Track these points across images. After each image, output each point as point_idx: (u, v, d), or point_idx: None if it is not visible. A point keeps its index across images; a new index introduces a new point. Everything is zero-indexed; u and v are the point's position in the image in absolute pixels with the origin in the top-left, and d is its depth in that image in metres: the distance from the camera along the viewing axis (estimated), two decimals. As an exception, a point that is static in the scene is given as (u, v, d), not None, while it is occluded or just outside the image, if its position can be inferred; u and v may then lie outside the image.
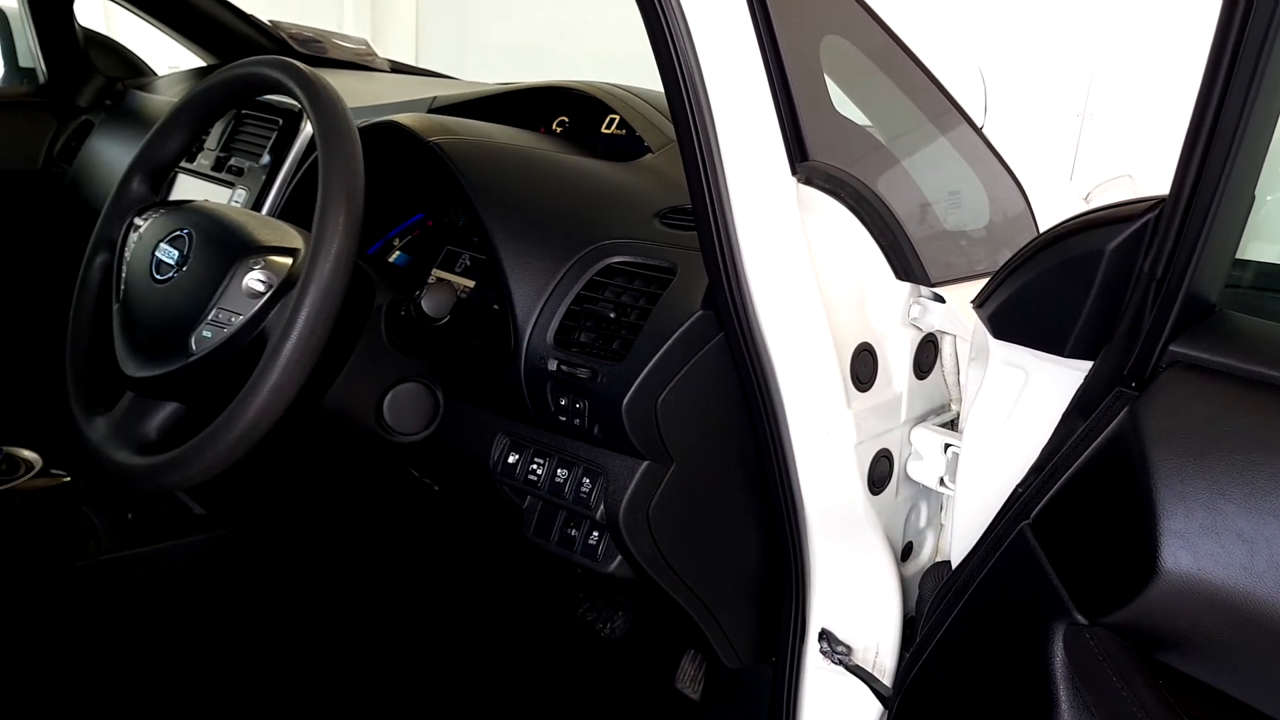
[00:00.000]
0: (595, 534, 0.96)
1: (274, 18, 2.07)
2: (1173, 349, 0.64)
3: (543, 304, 0.93)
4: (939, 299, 0.96)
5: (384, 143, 1.10)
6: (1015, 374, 0.84)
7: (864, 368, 0.94)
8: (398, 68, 2.15)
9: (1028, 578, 0.72)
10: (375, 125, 1.11)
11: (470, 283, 1.13)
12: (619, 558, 0.95)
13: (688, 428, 0.90)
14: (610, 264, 0.94)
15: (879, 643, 1.04)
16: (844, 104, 0.90)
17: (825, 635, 1.02)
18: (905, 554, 1.09)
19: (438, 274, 1.16)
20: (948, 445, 0.99)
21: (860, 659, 1.03)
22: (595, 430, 0.90)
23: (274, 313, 0.87)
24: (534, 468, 0.96)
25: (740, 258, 0.82)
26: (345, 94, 1.46)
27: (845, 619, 1.02)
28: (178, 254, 0.94)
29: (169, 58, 2.18)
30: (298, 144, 1.36)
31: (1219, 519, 0.57)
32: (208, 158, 1.47)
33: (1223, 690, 0.62)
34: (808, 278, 0.86)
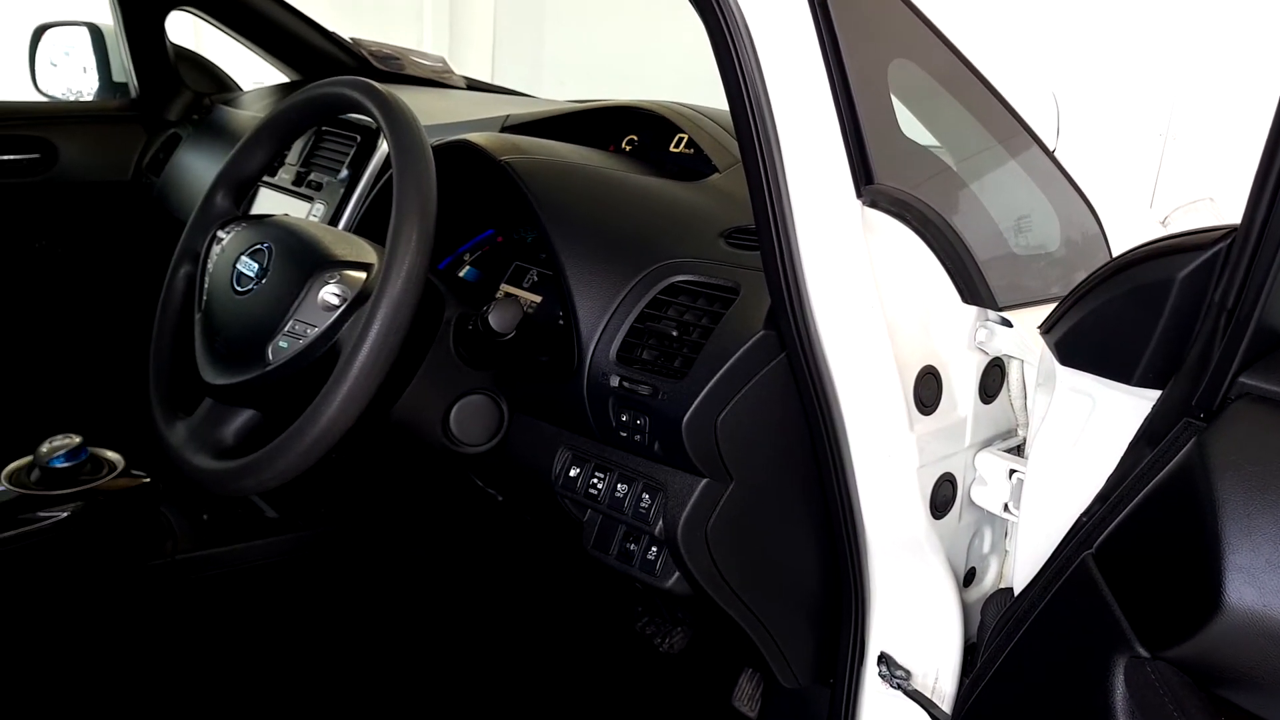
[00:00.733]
0: (654, 549, 0.97)
1: (356, 35, 2.13)
2: (1242, 380, 0.63)
3: (607, 321, 0.95)
4: (1006, 323, 0.95)
5: (457, 161, 1.13)
6: (1082, 401, 0.83)
7: (927, 391, 0.93)
8: (473, 85, 2.19)
9: (1090, 608, 0.70)
10: (448, 144, 1.14)
11: (537, 298, 1.15)
12: (677, 573, 0.95)
13: (747, 447, 0.90)
14: (674, 282, 0.95)
15: (939, 668, 1.03)
16: (913, 128, 0.90)
17: (884, 659, 1.02)
18: (968, 580, 1.07)
19: (506, 289, 1.19)
20: (1013, 471, 0.97)
21: (920, 684, 1.02)
22: (655, 447, 0.91)
23: (347, 325, 0.90)
24: (595, 482, 0.98)
25: (803, 279, 0.83)
26: (420, 111, 1.50)
27: (905, 643, 1.01)
28: (258, 267, 0.97)
29: (255, 74, 2.26)
30: (375, 160, 1.40)
31: (1288, 555, 0.56)
32: (288, 172, 1.52)
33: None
34: (871, 300, 0.86)
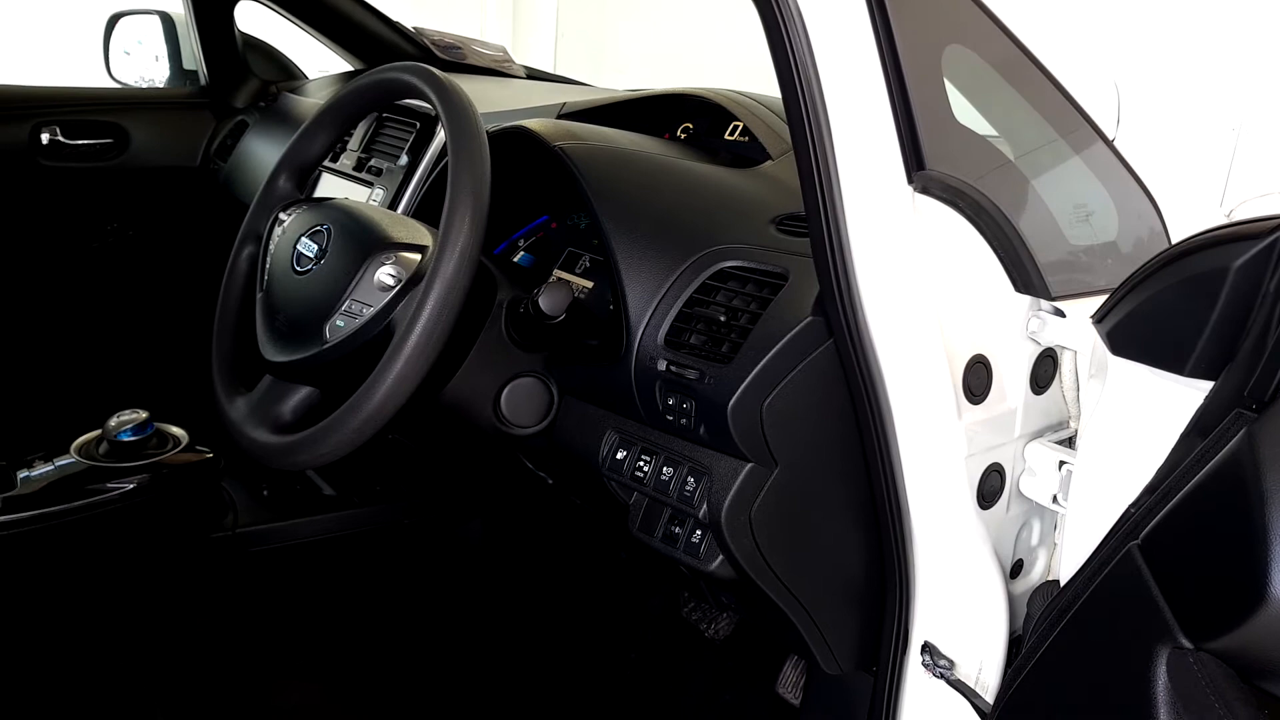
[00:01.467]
0: (698, 532, 0.98)
1: (419, 24, 2.17)
2: None
3: (655, 305, 0.96)
4: (1059, 313, 0.94)
5: (512, 147, 1.15)
6: (1134, 392, 0.82)
7: (977, 380, 0.93)
8: (533, 74, 2.22)
9: (1133, 599, 0.70)
10: (504, 130, 1.15)
11: (589, 283, 1.16)
12: (720, 557, 0.96)
13: (793, 432, 0.91)
14: (723, 268, 0.96)
15: (983, 659, 1.02)
16: (969, 116, 0.90)
17: (928, 648, 1.01)
18: (1015, 571, 1.07)
19: (558, 274, 1.20)
20: (1062, 462, 0.97)
21: (963, 674, 1.01)
22: (701, 431, 0.92)
23: (401, 305, 0.92)
24: (641, 464, 0.99)
25: (851, 265, 0.83)
26: (479, 99, 1.53)
27: (949, 633, 1.01)
28: (317, 248, 1.00)
29: (321, 62, 2.31)
30: (433, 146, 1.43)
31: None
32: (350, 158, 1.55)
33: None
34: (920, 287, 0.86)
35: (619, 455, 1.01)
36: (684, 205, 1.04)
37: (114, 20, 2.14)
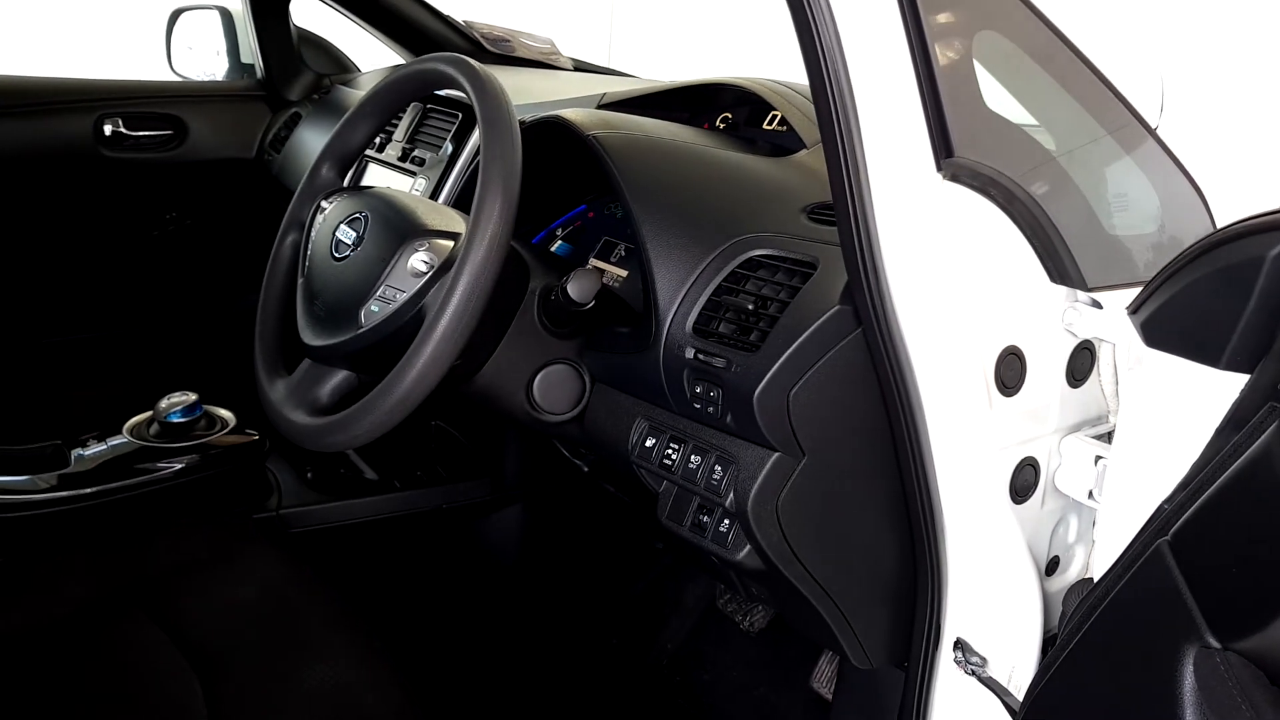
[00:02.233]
0: (726, 521, 0.98)
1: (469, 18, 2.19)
2: None
3: (684, 293, 0.96)
4: (1097, 305, 0.92)
5: (548, 136, 1.15)
6: (1170, 384, 0.80)
7: (1010, 372, 0.91)
8: (580, 66, 2.23)
9: (1162, 596, 0.68)
10: (541, 120, 1.16)
11: (623, 272, 1.17)
12: (748, 546, 0.96)
13: (821, 422, 0.90)
14: (753, 256, 0.95)
15: (1017, 657, 1.01)
16: (1003, 104, 0.88)
17: (960, 644, 1.00)
18: (1051, 569, 1.05)
19: (594, 263, 1.21)
20: (1099, 457, 0.95)
21: (996, 672, 1.00)
22: (728, 419, 0.92)
23: (433, 291, 0.93)
24: (669, 452, 0.99)
25: (879, 253, 0.82)
26: (524, 90, 1.54)
27: (982, 629, 0.99)
28: (355, 235, 1.02)
29: (378, 57, 2.34)
30: (474, 136, 1.44)
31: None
32: (395, 149, 1.57)
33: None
34: (950, 276, 0.85)
35: (648, 443, 1.01)
36: (715, 193, 1.04)
37: (176, 15, 2.20)
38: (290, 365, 1.09)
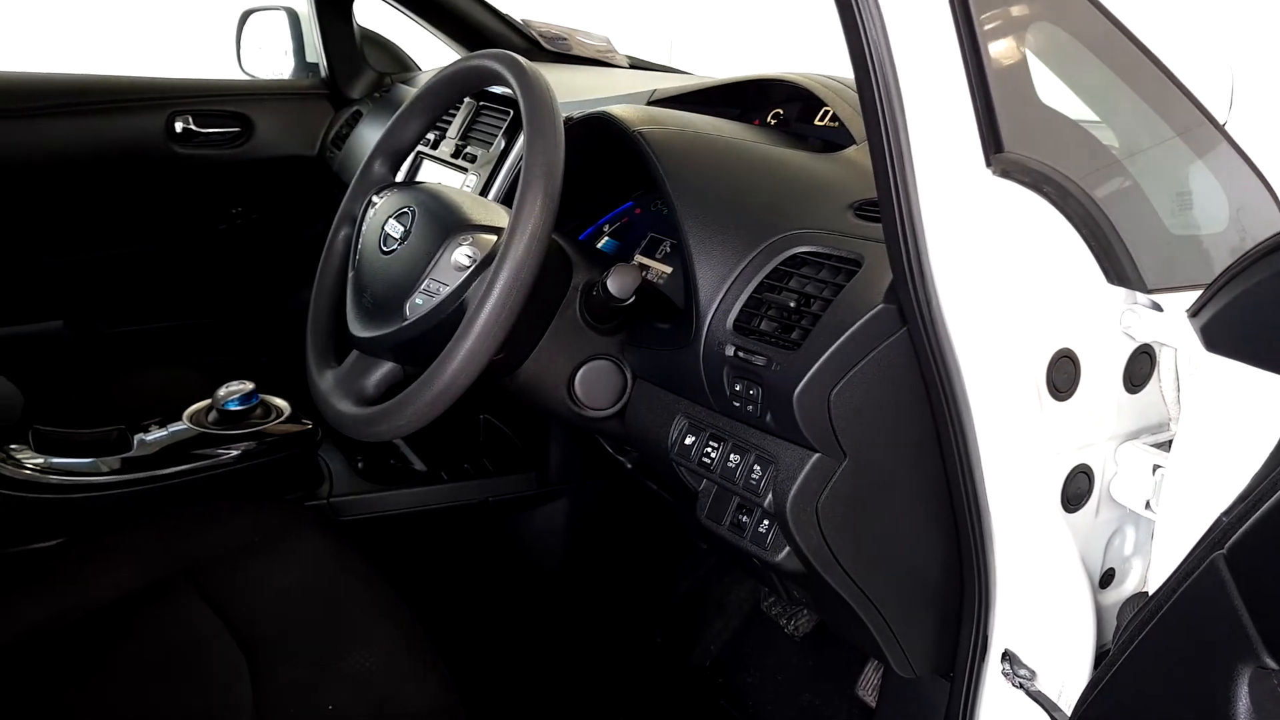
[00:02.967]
0: (765, 522, 0.96)
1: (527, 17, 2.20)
2: None
3: (726, 289, 0.95)
4: (1157, 307, 0.88)
5: (595, 132, 1.15)
6: (1231, 391, 0.77)
7: (1062, 375, 0.88)
8: (636, 64, 2.23)
9: (1216, 613, 0.65)
10: (588, 116, 1.16)
11: (668, 269, 1.16)
12: (787, 548, 0.94)
13: (863, 423, 0.88)
14: (797, 253, 0.94)
15: (1068, 672, 0.98)
16: (1059, 98, 0.85)
17: (1008, 656, 0.97)
18: (1106, 581, 1.01)
19: (639, 259, 1.20)
20: (1157, 466, 0.91)
21: (1045, 686, 0.97)
22: (768, 418, 0.90)
23: (474, 285, 0.94)
24: (709, 451, 0.98)
25: (925, 251, 0.80)
26: (576, 87, 1.54)
27: (1031, 641, 0.97)
28: (402, 229, 1.03)
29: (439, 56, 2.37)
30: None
31: None
32: (448, 146, 1.59)
33: None
34: (1000, 275, 0.82)
35: (687, 440, 1.00)
36: (760, 189, 1.03)
37: (245, 16, 2.25)
38: (340, 356, 1.10)
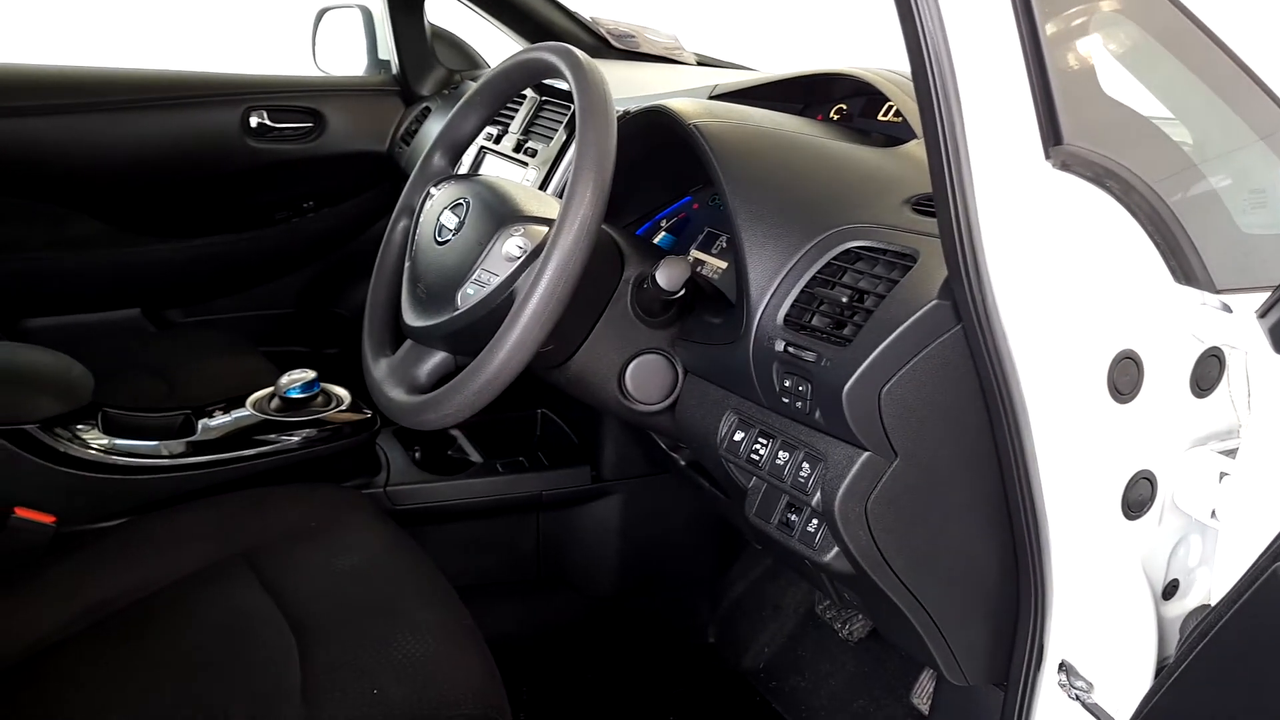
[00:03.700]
0: (814, 521, 0.95)
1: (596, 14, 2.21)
2: None
3: (777, 284, 0.94)
4: (1227, 308, 0.85)
5: (652, 125, 1.15)
6: (1302, 396, 0.73)
7: (1125, 378, 0.85)
8: (704, 61, 2.22)
9: (1276, 626, 0.62)
10: (645, 109, 1.16)
11: (724, 264, 1.15)
12: (836, 549, 0.93)
13: (915, 422, 0.86)
14: (850, 248, 0.92)
15: (1127, 684, 0.94)
16: (1125, 92, 0.82)
17: (1065, 667, 0.94)
18: (1170, 592, 0.97)
19: (695, 254, 1.20)
20: (1224, 474, 0.87)
21: (1102, 698, 0.94)
22: (817, 415, 0.89)
23: (523, 275, 0.94)
24: (758, 447, 0.97)
25: (980, 245, 0.78)
26: (640, 83, 1.54)
27: (1089, 652, 0.93)
28: (456, 220, 1.04)
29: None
30: (583, 127, 1.45)
31: None
32: (510, 140, 1.60)
33: None
34: (1060, 272, 0.79)
35: (736, 436, 0.99)
36: (815, 183, 1.01)
37: (321, 14, 2.30)
38: (396, 345, 1.12)
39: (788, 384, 0.91)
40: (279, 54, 2.70)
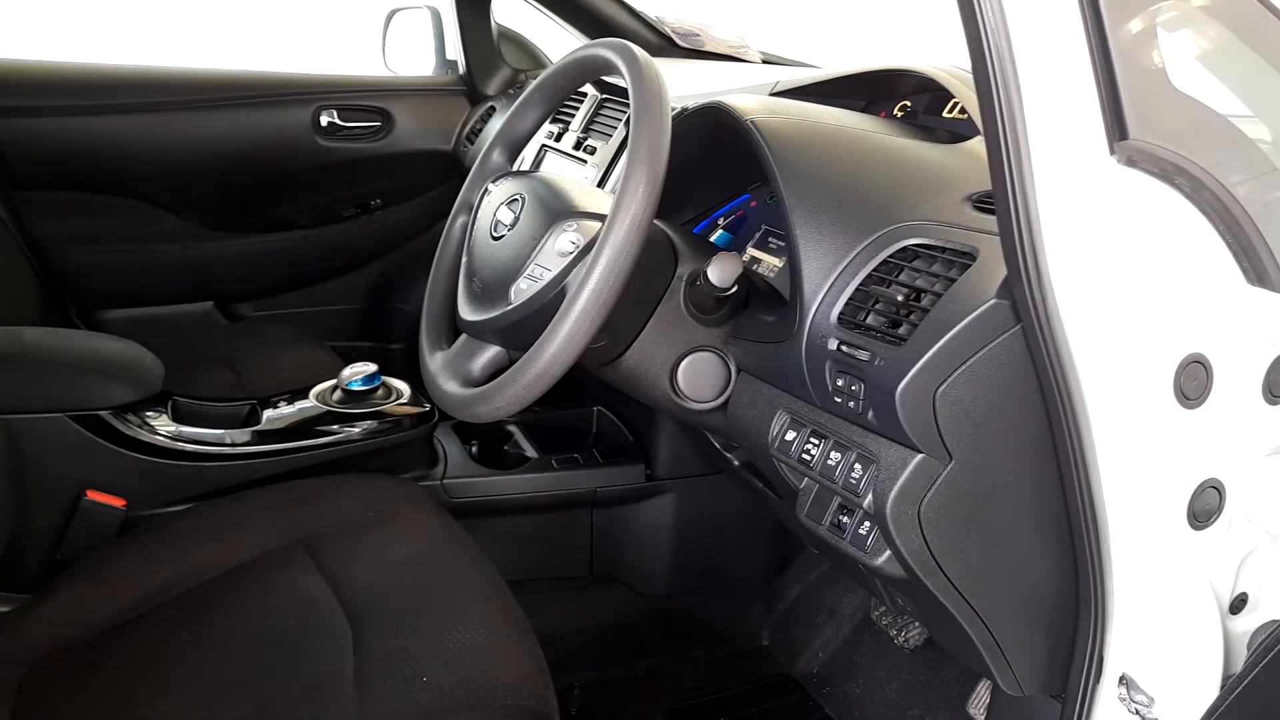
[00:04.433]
0: (866, 523, 0.93)
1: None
2: None
3: (831, 281, 0.92)
4: (1304, 312, 0.81)
5: (710, 122, 1.14)
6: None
7: (1192, 382, 0.82)
8: (769, 60, 2.20)
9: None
10: (703, 105, 1.15)
11: (779, 262, 1.14)
12: (887, 552, 0.91)
13: (971, 424, 0.84)
14: (908, 245, 0.90)
15: (1191, 700, 0.91)
16: (1207, 89, 0.79)
17: (1125, 680, 0.92)
18: (1238, 607, 0.94)
19: (752, 252, 1.19)
20: (1298, 486, 0.84)
21: (1164, 714, 0.91)
22: (870, 415, 0.87)
23: (575, 270, 0.94)
24: (809, 447, 0.96)
25: (1040, 242, 0.76)
26: (702, 80, 1.53)
27: (1151, 666, 0.91)
28: (512, 216, 1.05)
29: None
30: (643, 124, 1.45)
31: None
32: (570, 138, 1.61)
33: None
34: (1124, 271, 0.77)
35: (788, 436, 0.98)
36: (873, 179, 1.00)
37: (391, 15, 2.34)
38: (452, 339, 1.13)
39: (840, 383, 0.90)
40: (350, 55, 2.76)
